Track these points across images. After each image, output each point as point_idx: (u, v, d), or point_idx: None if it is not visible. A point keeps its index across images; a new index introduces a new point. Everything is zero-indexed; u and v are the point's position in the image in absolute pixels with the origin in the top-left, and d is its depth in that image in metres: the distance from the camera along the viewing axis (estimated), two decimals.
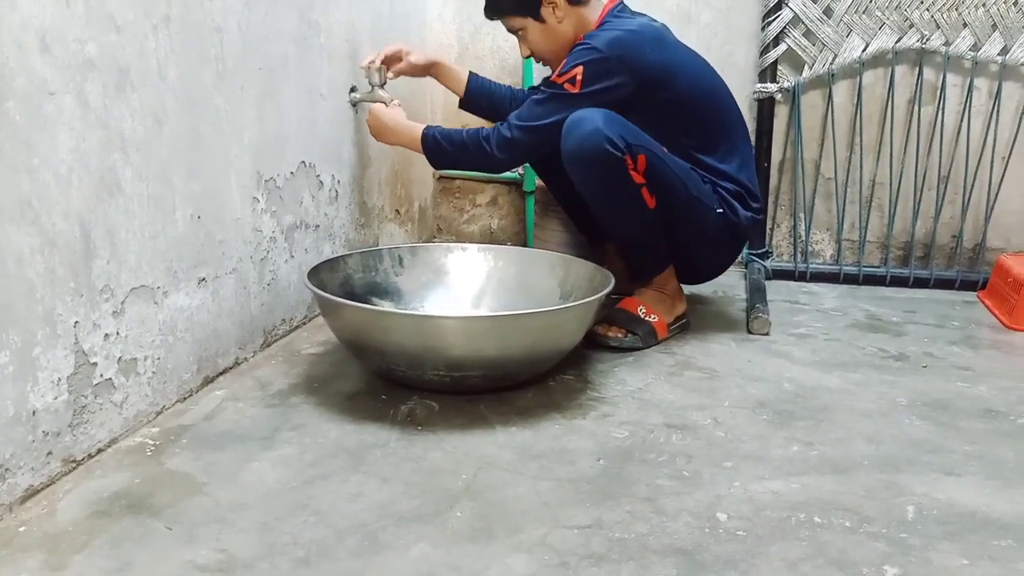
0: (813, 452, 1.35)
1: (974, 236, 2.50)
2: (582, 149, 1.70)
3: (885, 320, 2.11)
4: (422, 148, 1.86)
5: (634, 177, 1.72)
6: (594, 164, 1.70)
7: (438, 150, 1.85)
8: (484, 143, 1.80)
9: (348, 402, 1.49)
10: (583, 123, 1.70)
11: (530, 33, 1.90)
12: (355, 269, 1.79)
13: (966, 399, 1.60)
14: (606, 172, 1.71)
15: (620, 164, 1.70)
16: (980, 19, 2.36)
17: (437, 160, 1.89)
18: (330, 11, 1.90)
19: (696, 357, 1.78)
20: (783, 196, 2.57)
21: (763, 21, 2.46)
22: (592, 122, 1.69)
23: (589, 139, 1.68)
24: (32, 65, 1.06)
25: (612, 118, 1.71)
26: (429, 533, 1.09)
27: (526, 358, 1.51)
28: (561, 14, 1.86)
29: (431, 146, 1.85)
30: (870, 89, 2.47)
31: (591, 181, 1.75)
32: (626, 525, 1.12)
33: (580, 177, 1.75)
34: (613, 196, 1.75)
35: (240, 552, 1.03)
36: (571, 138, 1.71)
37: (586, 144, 1.69)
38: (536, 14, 1.87)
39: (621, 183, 1.72)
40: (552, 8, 1.86)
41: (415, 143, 1.87)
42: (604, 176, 1.72)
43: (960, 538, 1.11)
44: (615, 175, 1.71)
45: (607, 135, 1.68)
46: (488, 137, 1.80)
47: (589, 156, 1.69)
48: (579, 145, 1.70)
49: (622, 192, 1.74)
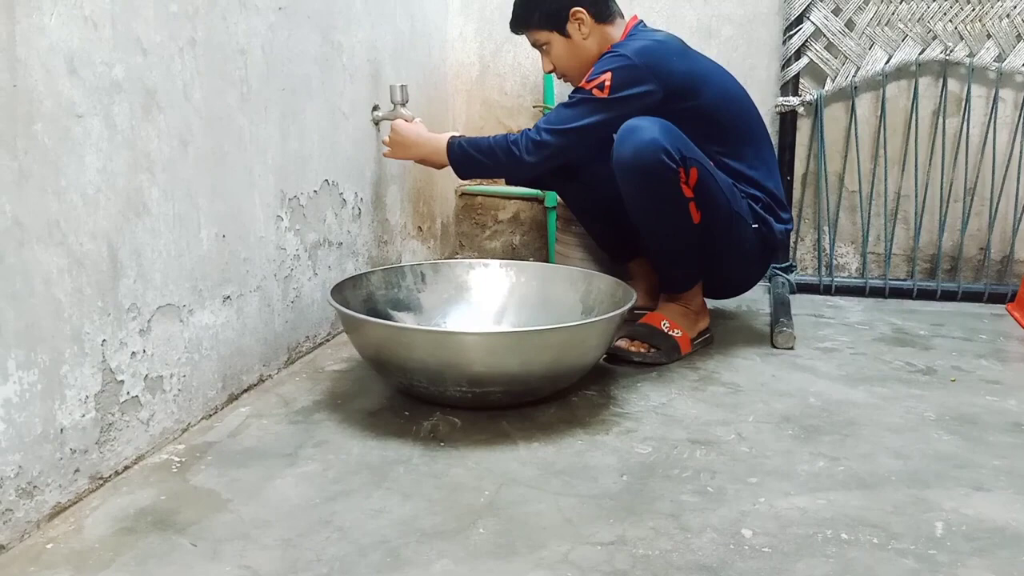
0: (839, 467, 1.34)
1: (1002, 248, 2.47)
2: (638, 158, 1.68)
3: (912, 333, 2.09)
4: (448, 157, 1.86)
5: (684, 191, 1.72)
6: (648, 174, 1.69)
7: (465, 158, 1.85)
8: (513, 147, 1.80)
9: (371, 418, 1.49)
10: (640, 131, 1.69)
11: (555, 48, 1.91)
12: (378, 286, 1.80)
13: (995, 413, 1.57)
14: (658, 183, 1.70)
15: (674, 176, 1.69)
16: (1004, 30, 2.34)
17: (464, 168, 1.87)
18: (352, 31, 1.92)
19: (720, 372, 1.77)
20: (807, 209, 2.56)
21: (784, 35, 2.45)
22: (650, 131, 1.68)
23: (646, 148, 1.67)
24: (60, 88, 1.09)
25: (669, 128, 1.70)
26: (451, 549, 1.08)
27: (548, 374, 1.51)
28: (587, 30, 1.87)
29: (457, 154, 1.85)
30: (894, 101, 2.45)
31: (641, 191, 1.73)
32: (650, 541, 1.11)
33: (631, 187, 1.74)
34: (661, 208, 1.74)
35: (264, 568, 1.04)
36: (627, 145, 1.70)
37: (642, 153, 1.68)
38: (562, 29, 1.88)
39: (671, 195, 1.72)
40: (579, 24, 1.87)
41: (439, 153, 1.87)
42: (656, 187, 1.71)
43: (989, 554, 1.09)
44: (667, 187, 1.70)
45: (664, 146, 1.67)
46: (517, 141, 1.80)
47: (644, 166, 1.68)
48: (635, 154, 1.69)
49: (671, 205, 1.73)
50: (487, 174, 1.91)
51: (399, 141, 1.93)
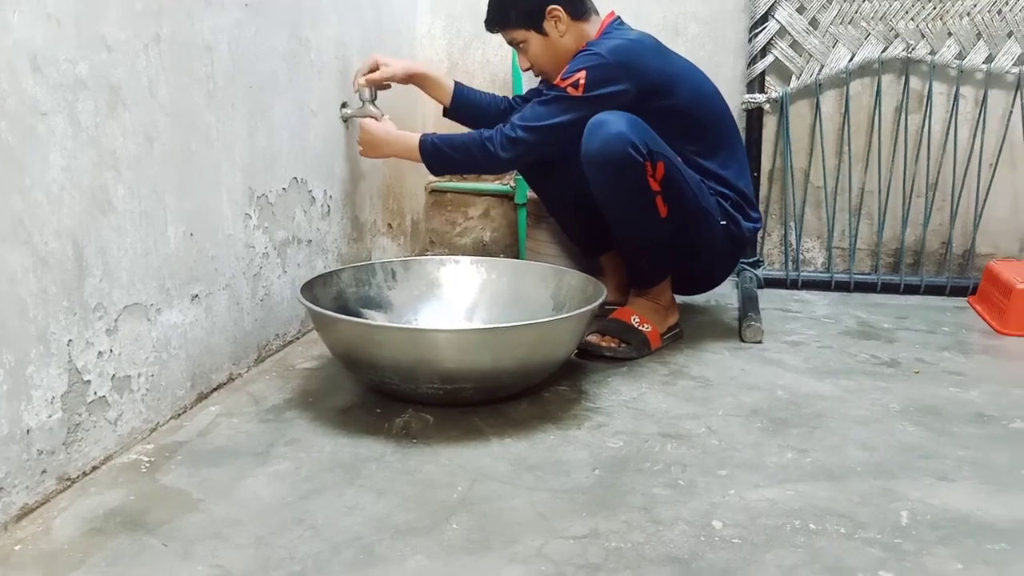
0: (807, 459, 1.36)
1: (963, 242, 2.52)
2: (605, 151, 1.70)
3: (877, 327, 2.12)
4: (420, 155, 1.85)
5: (651, 184, 1.73)
6: (615, 167, 1.70)
7: (437, 155, 1.85)
8: (487, 143, 1.80)
9: (342, 416, 1.49)
10: (607, 125, 1.71)
11: (531, 46, 1.91)
12: (348, 283, 1.79)
13: (958, 404, 1.61)
14: (625, 176, 1.71)
15: (640, 169, 1.71)
16: (965, 28, 2.38)
17: (436, 165, 1.88)
18: (320, 28, 1.91)
19: (689, 366, 1.79)
20: (773, 205, 2.59)
21: (750, 33, 2.48)
22: (616, 125, 1.70)
23: (613, 141, 1.69)
24: (24, 86, 1.07)
25: (636, 123, 1.72)
26: (425, 545, 1.09)
27: (520, 370, 1.52)
28: (563, 28, 1.88)
29: (430, 152, 1.85)
30: (857, 99, 2.49)
31: (608, 184, 1.75)
32: (622, 535, 1.12)
33: (598, 179, 1.75)
34: (628, 201, 1.76)
35: (236, 568, 1.03)
36: (594, 139, 1.71)
37: (609, 146, 1.69)
38: (539, 27, 1.89)
39: (638, 188, 1.73)
40: (555, 22, 1.88)
41: (411, 151, 1.86)
42: (622, 180, 1.72)
43: (954, 543, 1.12)
44: (633, 180, 1.72)
45: (631, 139, 1.69)
46: (491, 138, 1.80)
47: (611, 159, 1.70)
48: (602, 147, 1.70)
49: (637, 197, 1.75)
50: (461, 171, 1.92)
51: (369, 140, 1.93)
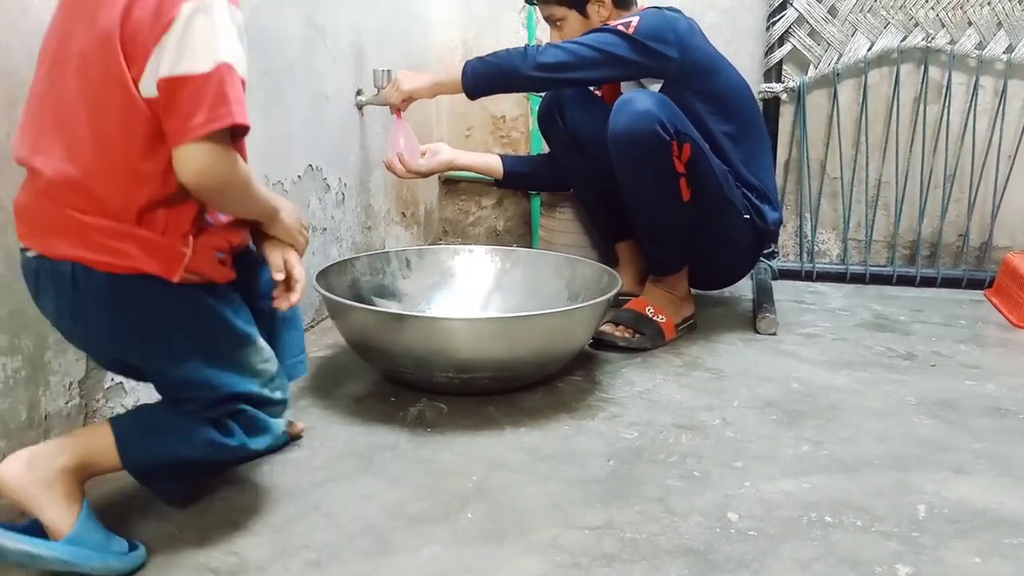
0: (823, 452, 1.35)
1: (980, 235, 2.50)
2: (631, 128, 1.69)
3: (892, 319, 2.11)
4: (463, 73, 1.79)
5: (676, 165, 1.73)
6: (641, 145, 1.69)
7: (480, 65, 1.79)
8: (528, 48, 1.78)
9: (357, 405, 1.49)
10: (635, 102, 1.71)
11: (569, 25, 1.90)
12: (363, 272, 1.79)
13: (975, 397, 1.60)
14: (650, 154, 1.70)
15: (666, 148, 1.70)
16: (985, 17, 2.36)
17: (474, 81, 1.80)
18: (336, 14, 1.90)
19: (704, 357, 1.78)
20: (789, 196, 2.57)
21: (768, 21, 2.45)
22: (645, 103, 1.70)
23: (640, 119, 1.68)
24: None
25: (664, 102, 1.72)
26: (440, 535, 1.09)
27: (535, 359, 1.52)
28: (606, 13, 1.88)
29: (473, 65, 1.79)
30: (875, 88, 2.47)
31: (633, 162, 1.74)
32: (637, 525, 1.12)
33: (623, 157, 1.74)
34: (651, 180, 1.75)
35: (252, 555, 1.03)
36: (622, 116, 1.71)
37: (636, 124, 1.69)
38: (582, 8, 1.88)
39: (662, 168, 1.72)
40: (599, 6, 1.87)
41: (451, 71, 1.83)
42: (647, 158, 1.71)
43: (972, 536, 1.11)
44: (658, 158, 1.71)
45: (659, 117, 1.68)
46: (533, 47, 1.78)
47: (637, 136, 1.69)
48: (629, 124, 1.69)
49: (661, 178, 1.74)
50: (500, 83, 1.83)
51: (406, 75, 1.86)
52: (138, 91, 0.90)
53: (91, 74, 0.91)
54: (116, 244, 0.93)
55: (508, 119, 2.66)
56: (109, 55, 0.89)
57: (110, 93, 0.90)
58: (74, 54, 0.91)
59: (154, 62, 0.89)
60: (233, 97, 0.92)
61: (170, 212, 0.95)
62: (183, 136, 0.90)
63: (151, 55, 0.89)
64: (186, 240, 0.97)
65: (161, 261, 0.95)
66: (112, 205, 0.92)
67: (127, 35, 0.89)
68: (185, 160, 0.91)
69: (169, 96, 0.90)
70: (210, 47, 0.90)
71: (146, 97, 0.90)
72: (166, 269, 0.96)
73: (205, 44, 0.90)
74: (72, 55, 0.92)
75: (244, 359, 1.03)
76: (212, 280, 1.01)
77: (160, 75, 0.89)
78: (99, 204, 0.92)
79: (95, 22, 0.90)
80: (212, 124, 0.90)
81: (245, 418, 1.03)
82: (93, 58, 0.90)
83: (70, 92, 0.91)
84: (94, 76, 0.90)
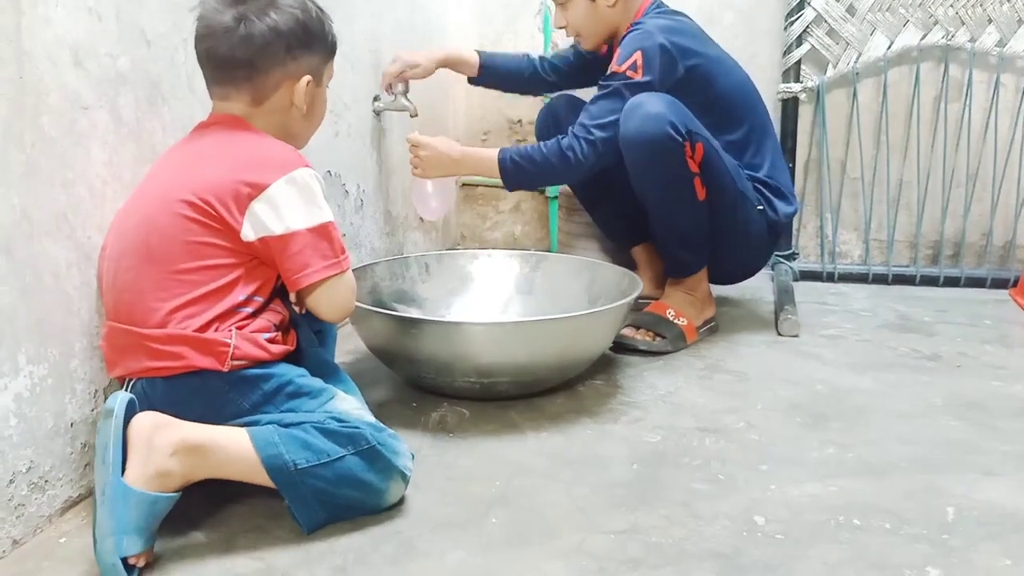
0: (849, 454, 1.34)
1: (1004, 234, 2.47)
2: (643, 131, 1.69)
3: (916, 320, 2.09)
4: (500, 172, 1.82)
5: (690, 165, 1.73)
6: (653, 148, 1.69)
7: (518, 172, 1.81)
8: (568, 153, 1.76)
9: (379, 410, 1.47)
10: (645, 106, 1.70)
11: (576, 7, 1.90)
12: (382, 277, 1.79)
13: (1002, 398, 1.58)
14: (663, 156, 1.70)
15: (679, 149, 1.70)
16: (1005, 15, 2.33)
17: (516, 181, 1.84)
18: (353, 21, 1.91)
19: (726, 360, 1.77)
20: (809, 196, 2.55)
21: (786, 20, 2.44)
22: (656, 106, 1.70)
23: (651, 122, 1.68)
24: (66, 80, 1.08)
25: (674, 103, 1.72)
26: (465, 540, 1.08)
27: (556, 364, 1.51)
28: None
29: (510, 169, 1.81)
30: (895, 87, 2.45)
31: (647, 165, 1.74)
32: (663, 530, 1.11)
33: (636, 161, 1.74)
34: (666, 182, 1.75)
35: (278, 560, 1.04)
36: (632, 119, 1.71)
37: (647, 127, 1.69)
38: None
39: (676, 169, 1.72)
40: None
41: (486, 169, 1.83)
42: (661, 161, 1.71)
43: (1002, 538, 1.10)
44: (672, 160, 1.71)
45: (670, 119, 1.68)
46: (571, 147, 1.76)
47: (649, 139, 1.69)
48: (640, 127, 1.69)
49: (676, 179, 1.74)
50: (541, 184, 1.87)
51: (433, 158, 1.85)
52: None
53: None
54: (170, 348, 1.07)
55: (525, 122, 2.66)
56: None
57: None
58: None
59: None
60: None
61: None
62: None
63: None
64: (228, 332, 1.09)
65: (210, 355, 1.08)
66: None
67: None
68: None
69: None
70: None
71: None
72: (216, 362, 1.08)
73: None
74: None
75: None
76: (264, 360, 1.12)
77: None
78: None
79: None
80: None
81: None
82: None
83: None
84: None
